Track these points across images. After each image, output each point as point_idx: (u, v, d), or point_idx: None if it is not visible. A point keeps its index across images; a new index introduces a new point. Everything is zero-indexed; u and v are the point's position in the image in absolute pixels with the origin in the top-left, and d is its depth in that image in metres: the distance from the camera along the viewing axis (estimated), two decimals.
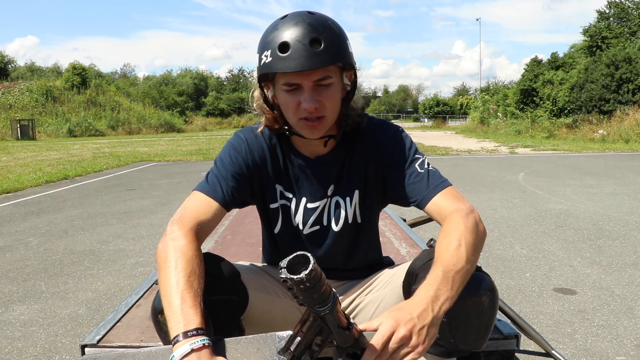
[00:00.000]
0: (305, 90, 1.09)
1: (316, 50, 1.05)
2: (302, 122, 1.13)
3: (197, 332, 0.90)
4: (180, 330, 0.91)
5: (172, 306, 0.95)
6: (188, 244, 1.04)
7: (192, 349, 0.88)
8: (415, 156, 1.21)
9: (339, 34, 1.10)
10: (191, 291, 0.96)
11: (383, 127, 1.26)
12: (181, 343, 0.89)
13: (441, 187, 1.15)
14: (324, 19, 1.11)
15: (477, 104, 32.09)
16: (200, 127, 40.28)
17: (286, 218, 1.28)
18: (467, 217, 1.07)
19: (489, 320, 1.03)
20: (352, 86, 1.18)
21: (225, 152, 1.25)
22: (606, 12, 23.47)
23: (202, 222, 1.11)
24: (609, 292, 2.84)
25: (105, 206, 6.08)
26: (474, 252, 1.03)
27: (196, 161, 12.38)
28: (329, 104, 1.12)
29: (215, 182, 1.19)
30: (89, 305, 2.79)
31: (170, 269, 0.99)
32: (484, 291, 1.01)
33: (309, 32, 1.06)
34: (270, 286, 1.29)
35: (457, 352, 1.07)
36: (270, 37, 1.09)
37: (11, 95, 31.85)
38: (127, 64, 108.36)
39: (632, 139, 15.91)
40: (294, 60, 1.05)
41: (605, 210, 5.22)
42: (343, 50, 1.10)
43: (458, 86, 73.41)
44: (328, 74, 1.09)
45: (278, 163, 1.26)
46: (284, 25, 1.08)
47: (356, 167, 1.25)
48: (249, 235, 2.84)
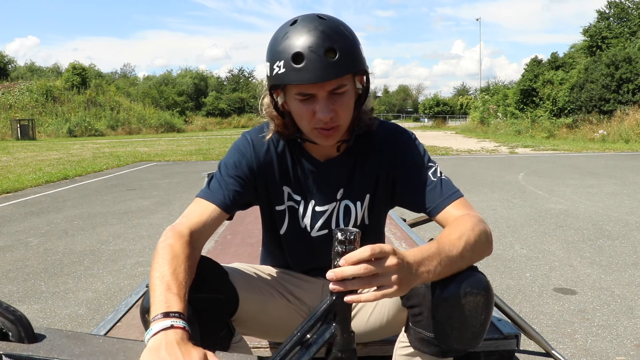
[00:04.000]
0: (320, 100, 1.07)
1: (331, 60, 1.02)
2: (316, 131, 1.11)
3: (178, 316, 0.86)
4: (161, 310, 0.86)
5: (155, 293, 0.91)
6: (175, 242, 1.02)
7: (173, 325, 0.84)
8: (428, 164, 1.20)
9: (353, 40, 1.07)
10: (176, 282, 0.93)
11: (396, 132, 1.24)
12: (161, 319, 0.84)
13: (454, 198, 1.15)
14: (337, 25, 1.06)
15: (477, 104, 32.08)
16: (200, 127, 40.26)
17: (294, 220, 1.28)
18: (476, 222, 1.08)
19: (485, 319, 1.03)
20: (364, 89, 1.15)
21: (229, 157, 1.23)
22: (606, 12, 23.47)
23: (196, 225, 1.10)
24: (609, 292, 2.84)
25: (105, 206, 6.08)
26: (472, 251, 1.02)
27: (196, 161, 12.38)
28: (344, 112, 1.10)
29: (216, 187, 1.18)
30: (89, 305, 2.79)
31: (158, 264, 0.98)
32: (478, 290, 1.00)
33: (323, 41, 1.02)
34: (265, 287, 1.29)
35: (452, 351, 1.07)
36: (282, 47, 1.05)
37: (11, 95, 31.85)
38: (127, 64, 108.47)
39: (632, 139, 15.91)
40: (309, 72, 1.01)
41: (605, 210, 5.22)
42: (357, 57, 1.07)
43: (458, 86, 73.47)
44: (343, 82, 1.07)
45: (286, 165, 1.24)
46: (296, 33, 1.04)
47: (368, 172, 1.24)
48: (249, 235, 2.84)
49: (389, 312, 1.22)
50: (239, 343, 1.19)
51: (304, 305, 1.32)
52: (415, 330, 1.08)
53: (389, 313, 1.22)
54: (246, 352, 1.23)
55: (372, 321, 1.27)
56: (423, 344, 1.07)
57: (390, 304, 1.21)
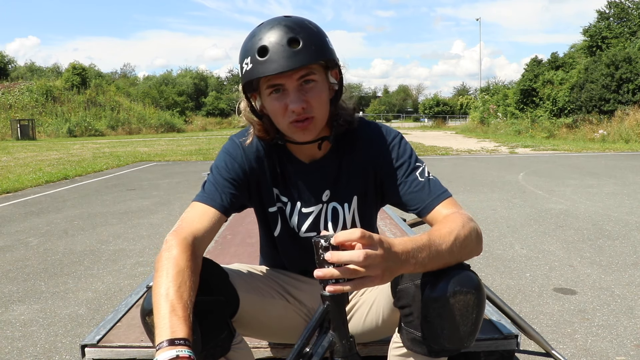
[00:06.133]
0: (291, 91, 1.08)
1: (295, 49, 1.04)
2: (292, 126, 1.11)
3: (184, 343, 0.87)
4: (166, 337, 0.88)
5: (160, 313, 0.92)
6: (180, 254, 1.01)
7: (178, 355, 0.85)
8: (416, 164, 1.20)
9: (317, 32, 1.10)
10: (181, 302, 0.93)
11: (383, 132, 1.24)
12: (166, 348, 0.86)
13: (443, 197, 1.15)
14: (300, 19, 1.10)
15: (477, 104, 32.09)
16: (200, 127, 40.28)
17: (284, 221, 1.28)
18: (466, 220, 1.07)
19: (476, 318, 1.02)
20: (339, 85, 1.16)
21: (220, 159, 1.24)
22: (606, 12, 23.46)
23: (198, 232, 1.10)
24: (609, 292, 2.84)
25: (105, 206, 6.08)
26: (461, 247, 1.02)
27: (196, 161, 12.38)
28: (316, 102, 1.10)
29: (212, 190, 1.18)
30: (89, 305, 2.79)
31: (162, 277, 0.98)
32: (468, 289, 1.00)
33: (286, 32, 1.05)
34: (265, 288, 1.29)
35: (444, 351, 1.06)
36: (249, 45, 1.08)
37: (11, 95, 31.85)
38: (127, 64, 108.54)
39: (632, 139, 15.91)
40: (274, 62, 1.04)
41: (605, 210, 5.22)
42: (323, 47, 1.09)
43: (458, 86, 73.45)
44: (311, 71, 1.08)
45: (275, 166, 1.25)
46: (261, 31, 1.08)
47: (355, 172, 1.24)
48: (248, 235, 2.85)
49: (384, 313, 1.22)
50: (240, 344, 1.19)
51: (303, 307, 1.32)
52: (407, 331, 1.07)
53: (384, 313, 1.22)
54: (247, 352, 1.23)
55: (368, 322, 1.28)
56: (415, 344, 1.07)
57: (384, 305, 1.21)
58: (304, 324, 1.33)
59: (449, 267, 1.01)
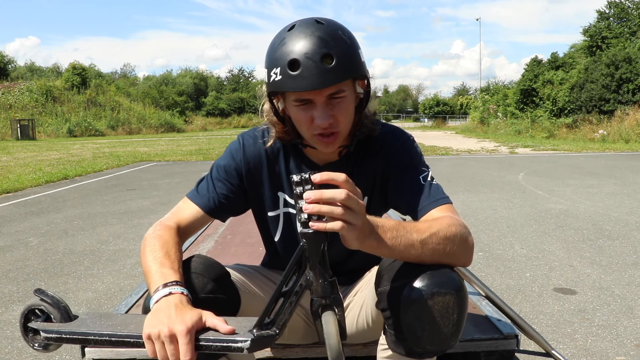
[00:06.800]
0: (318, 105, 1.06)
1: (328, 66, 1.00)
2: (316, 138, 1.11)
3: (175, 283, 0.95)
4: (160, 283, 0.95)
5: (151, 272, 1.00)
6: (164, 231, 1.11)
7: (171, 292, 0.92)
8: (421, 168, 1.19)
9: (351, 45, 1.05)
10: (169, 259, 1.01)
11: (395, 134, 1.24)
12: (160, 289, 0.94)
13: (440, 202, 1.13)
14: (334, 30, 1.05)
15: (477, 104, 32.09)
16: (200, 127, 40.29)
17: (289, 227, 1.27)
18: (456, 224, 1.04)
19: (458, 319, 0.99)
20: (365, 94, 1.14)
21: (222, 159, 1.25)
22: (606, 12, 23.47)
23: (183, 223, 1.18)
24: (609, 292, 2.84)
25: (105, 206, 6.08)
26: (438, 244, 0.99)
27: (196, 161, 12.37)
28: (343, 117, 1.09)
29: (204, 189, 1.22)
30: (89, 305, 2.79)
31: (148, 248, 1.06)
32: (447, 290, 0.97)
33: (319, 47, 1.00)
34: (266, 288, 1.29)
35: (428, 352, 1.04)
36: (278, 53, 1.04)
37: (11, 95, 31.86)
38: (127, 64, 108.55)
39: (632, 139, 15.90)
40: (305, 79, 1.00)
41: (605, 210, 5.22)
42: (355, 62, 1.05)
43: (458, 86, 73.55)
44: (341, 88, 1.05)
45: (280, 170, 1.24)
46: (292, 39, 1.02)
47: (366, 175, 1.23)
48: (249, 235, 2.85)
49: (372, 314, 1.21)
50: None
51: (303, 307, 1.32)
52: (390, 333, 1.06)
53: (373, 314, 1.21)
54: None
55: (360, 323, 1.27)
56: (398, 346, 1.05)
57: (372, 306, 1.21)
58: (304, 325, 1.33)
59: (428, 268, 0.99)
